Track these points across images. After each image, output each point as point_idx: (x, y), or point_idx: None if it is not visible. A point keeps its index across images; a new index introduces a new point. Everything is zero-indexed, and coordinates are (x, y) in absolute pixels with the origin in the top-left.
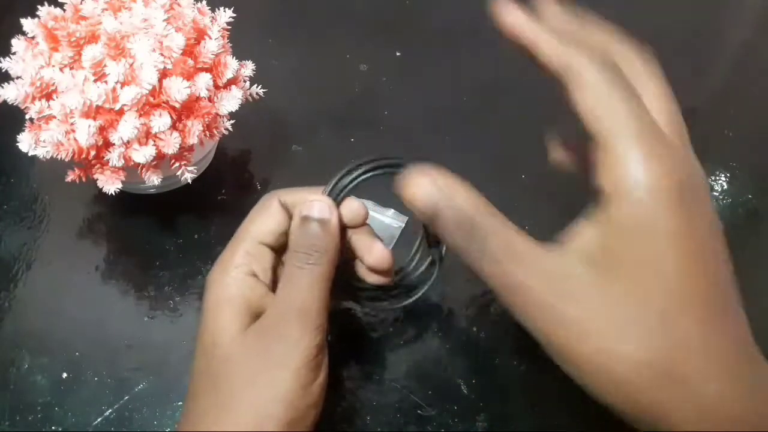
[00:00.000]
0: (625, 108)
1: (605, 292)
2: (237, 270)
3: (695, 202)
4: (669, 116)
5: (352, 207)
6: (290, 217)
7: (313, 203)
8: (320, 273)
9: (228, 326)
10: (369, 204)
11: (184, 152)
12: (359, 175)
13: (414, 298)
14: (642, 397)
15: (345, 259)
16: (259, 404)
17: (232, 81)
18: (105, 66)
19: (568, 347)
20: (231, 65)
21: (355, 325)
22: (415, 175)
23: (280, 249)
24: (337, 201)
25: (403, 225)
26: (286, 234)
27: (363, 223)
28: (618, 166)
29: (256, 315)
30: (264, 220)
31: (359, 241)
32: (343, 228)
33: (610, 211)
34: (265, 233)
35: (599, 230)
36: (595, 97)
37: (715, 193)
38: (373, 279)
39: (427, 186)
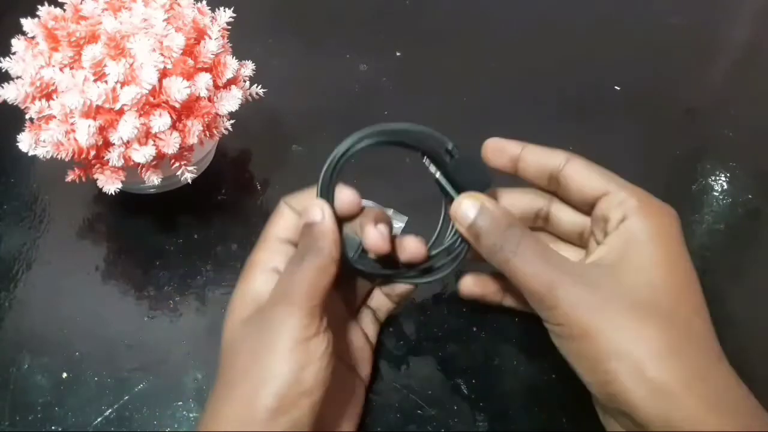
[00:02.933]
0: (610, 175)
1: (615, 280)
2: (259, 266)
3: (674, 240)
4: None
5: (342, 198)
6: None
7: (306, 208)
8: (311, 266)
9: (237, 318)
10: (369, 203)
11: (184, 152)
12: (344, 154)
13: (428, 280)
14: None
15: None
16: (249, 392)
17: (232, 81)
18: (105, 66)
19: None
20: (231, 65)
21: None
22: (463, 196)
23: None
24: (332, 182)
25: (403, 224)
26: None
27: (358, 211)
28: (620, 207)
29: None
30: (278, 221)
31: (361, 225)
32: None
33: (613, 241)
34: (281, 230)
35: (606, 250)
36: (588, 171)
37: (715, 193)
38: (404, 256)
39: (472, 200)
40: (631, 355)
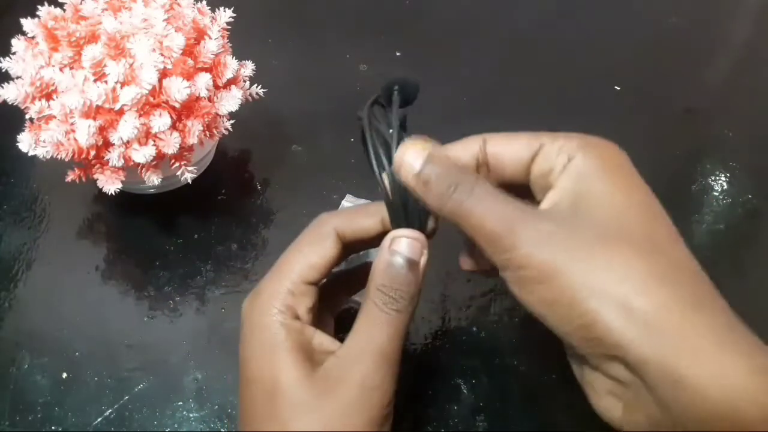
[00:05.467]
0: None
1: (578, 217)
2: (282, 315)
3: (627, 169)
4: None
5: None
6: (344, 246)
7: (402, 240)
8: (403, 320)
9: (290, 372)
10: (366, 202)
11: (184, 152)
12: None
13: None
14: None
15: None
16: None
17: (232, 81)
18: (105, 66)
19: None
20: (231, 65)
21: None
22: (407, 144)
23: (323, 281)
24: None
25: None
26: (336, 264)
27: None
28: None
29: (310, 357)
30: (315, 255)
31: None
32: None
33: (563, 183)
34: (314, 270)
35: (558, 194)
36: (512, 137)
37: (715, 193)
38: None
39: (418, 150)
40: (613, 288)
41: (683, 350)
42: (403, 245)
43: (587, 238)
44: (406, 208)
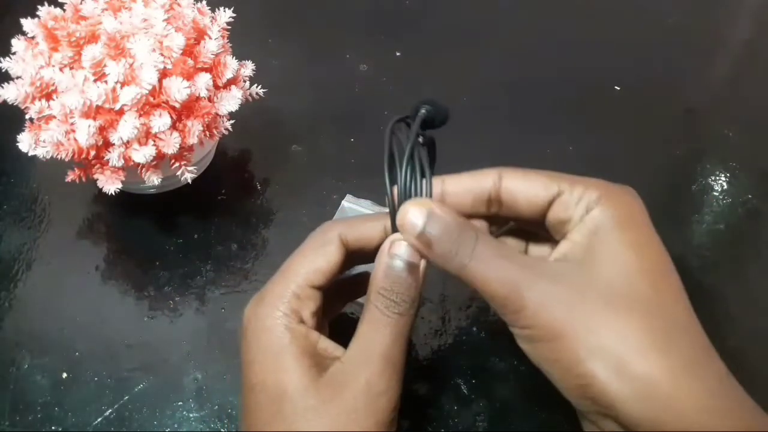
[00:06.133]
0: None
1: (584, 274)
2: (287, 318)
3: (642, 223)
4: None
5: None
6: (347, 253)
7: (401, 243)
8: (406, 323)
9: (297, 377)
10: (368, 204)
11: (184, 152)
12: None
13: None
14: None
15: None
16: None
17: (232, 81)
18: (105, 66)
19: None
20: (231, 65)
21: (354, 327)
22: (408, 204)
23: (327, 287)
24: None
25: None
26: (340, 271)
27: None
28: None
29: (316, 362)
30: (321, 259)
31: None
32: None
33: (576, 235)
34: (319, 274)
35: (569, 245)
36: (530, 177)
37: (715, 193)
38: None
39: (419, 207)
40: (611, 352)
41: (671, 414)
42: (403, 248)
43: (592, 299)
44: None
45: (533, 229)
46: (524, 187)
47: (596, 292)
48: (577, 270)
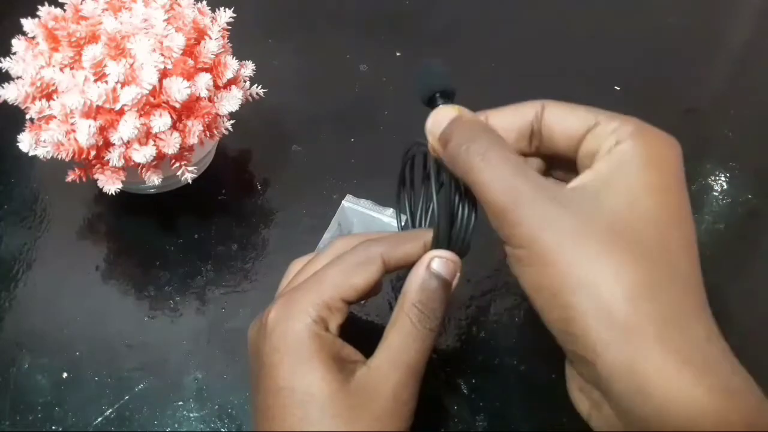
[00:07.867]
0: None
1: (595, 204)
2: (316, 326)
3: (673, 167)
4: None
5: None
6: (385, 270)
7: (441, 261)
8: (433, 339)
9: (325, 383)
10: (368, 204)
11: (184, 152)
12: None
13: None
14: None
15: None
16: None
17: (232, 81)
18: (105, 66)
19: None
20: (231, 65)
21: (355, 326)
22: (444, 106)
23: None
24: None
25: (402, 224)
26: (375, 292)
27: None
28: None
29: (341, 367)
30: (359, 277)
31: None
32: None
33: (601, 165)
34: (353, 291)
35: (591, 175)
36: (571, 109)
37: (715, 193)
38: None
39: (451, 109)
40: (598, 289)
41: (651, 364)
42: (443, 266)
43: (594, 231)
44: (452, 230)
45: (569, 173)
46: (562, 118)
47: (600, 227)
48: (589, 201)
